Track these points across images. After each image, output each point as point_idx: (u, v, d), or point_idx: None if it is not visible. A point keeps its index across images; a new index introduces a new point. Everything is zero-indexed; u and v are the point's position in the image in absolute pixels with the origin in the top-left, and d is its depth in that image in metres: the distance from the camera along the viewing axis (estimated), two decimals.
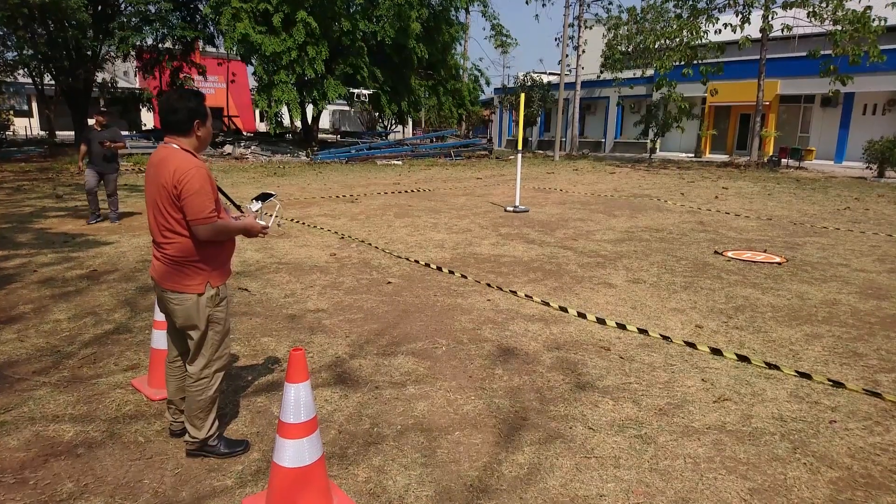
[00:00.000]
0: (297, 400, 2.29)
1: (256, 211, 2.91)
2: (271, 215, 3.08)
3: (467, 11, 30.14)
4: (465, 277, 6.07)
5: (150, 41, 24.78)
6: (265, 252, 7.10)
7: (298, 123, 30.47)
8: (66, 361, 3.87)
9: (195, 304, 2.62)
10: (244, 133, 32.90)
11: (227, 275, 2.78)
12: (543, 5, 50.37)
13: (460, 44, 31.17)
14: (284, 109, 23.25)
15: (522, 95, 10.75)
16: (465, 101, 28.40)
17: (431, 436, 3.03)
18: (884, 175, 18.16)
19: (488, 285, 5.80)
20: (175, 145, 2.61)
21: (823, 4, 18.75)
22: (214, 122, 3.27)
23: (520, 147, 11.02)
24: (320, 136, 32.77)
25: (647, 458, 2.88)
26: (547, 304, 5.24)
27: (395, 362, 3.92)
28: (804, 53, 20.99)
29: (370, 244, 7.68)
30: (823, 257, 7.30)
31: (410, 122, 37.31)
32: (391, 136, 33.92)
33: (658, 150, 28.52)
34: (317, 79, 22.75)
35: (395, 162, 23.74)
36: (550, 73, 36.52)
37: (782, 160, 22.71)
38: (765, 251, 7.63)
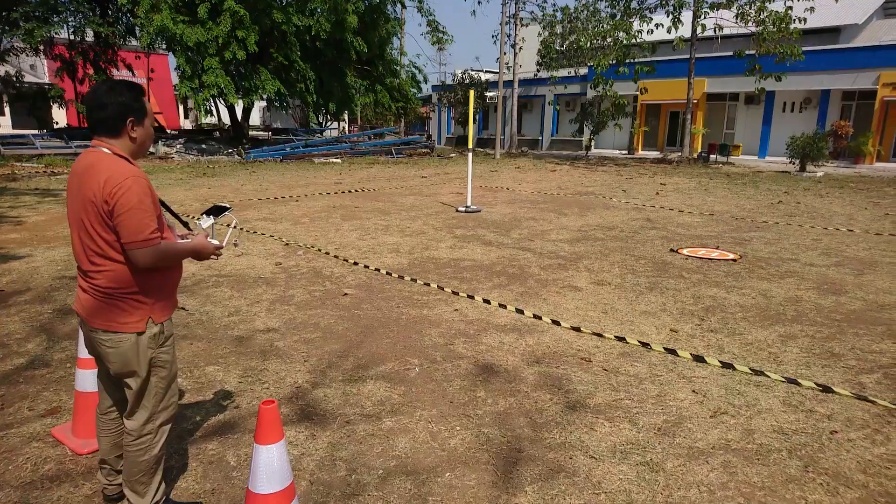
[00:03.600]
0: (270, 465, 1.86)
1: (208, 228, 2.42)
2: (229, 227, 2.59)
3: (403, 6, 29.65)
4: (428, 285, 5.70)
5: (61, 34, 22.79)
6: (201, 263, 6.44)
7: (227, 120, 28.99)
8: None
9: (134, 346, 2.11)
10: (168, 131, 30.97)
11: (173, 308, 2.28)
12: (479, 2, 50.52)
13: (397, 39, 30.65)
14: (212, 103, 21.97)
15: (472, 92, 10.47)
16: (410, 96, 27.93)
17: (419, 480, 2.65)
18: (805, 169, 19.23)
19: (454, 293, 5.45)
20: (105, 149, 2.08)
21: (748, 7, 19.59)
22: None
23: (470, 145, 10.74)
24: (251, 133, 31.37)
25: (659, 490, 2.62)
26: (521, 311, 4.96)
27: (364, 390, 3.50)
28: (730, 53, 21.94)
29: (319, 250, 7.16)
30: (773, 252, 7.43)
31: (347, 119, 36.42)
32: (327, 133, 32.93)
33: (594, 148, 29.12)
34: (248, 66, 21.61)
35: (334, 160, 22.98)
36: (487, 71, 36.61)
37: (711, 156, 23.68)
38: (717, 248, 7.69)
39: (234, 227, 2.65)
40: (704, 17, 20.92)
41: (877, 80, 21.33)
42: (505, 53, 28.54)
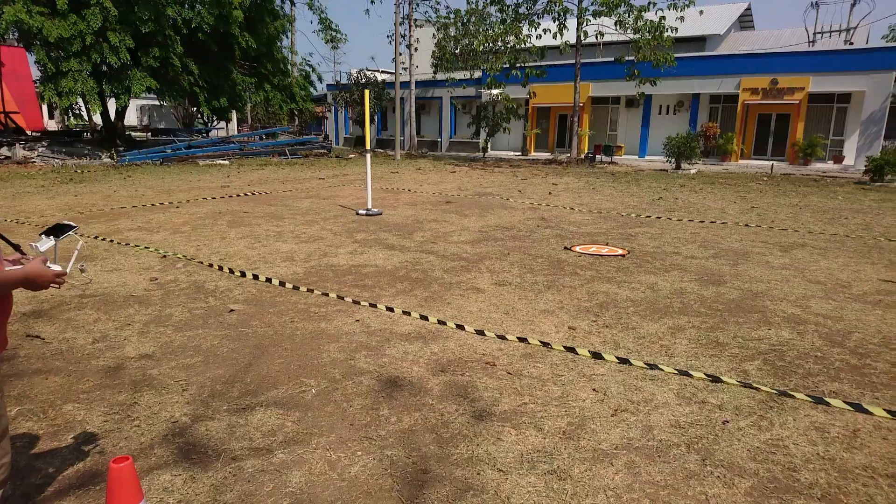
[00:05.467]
0: None
1: (46, 251, 2.02)
2: (72, 249, 2.19)
3: (293, 3, 28.61)
4: (327, 295, 5.38)
5: None
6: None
7: (99, 120, 26.43)
8: None
9: None
10: (28, 132, 27.64)
11: (3, 347, 1.87)
12: (372, 2, 49.94)
13: (287, 37, 29.52)
14: (82, 103, 19.93)
15: (367, 92, 10.18)
16: (297, 98, 26.94)
17: None
18: (681, 167, 20.84)
19: (355, 302, 5.19)
20: None
21: (627, 15, 20.88)
22: None
23: (368, 146, 10.46)
24: (127, 134, 28.83)
25: (567, 499, 2.56)
26: (426, 318, 4.80)
27: (253, 419, 3.17)
28: (611, 59, 23.27)
29: (201, 262, 6.58)
30: (657, 247, 7.86)
31: (235, 119, 34.55)
32: (213, 134, 31.00)
33: (490, 149, 29.78)
34: (120, 69, 19.81)
35: (222, 162, 21.64)
36: (384, 72, 36.29)
37: (597, 156, 25.03)
38: (607, 244, 8.01)
39: (79, 252, 2.25)
40: (587, 24, 22.04)
41: (738, 85, 23.59)
42: (401, 54, 28.41)
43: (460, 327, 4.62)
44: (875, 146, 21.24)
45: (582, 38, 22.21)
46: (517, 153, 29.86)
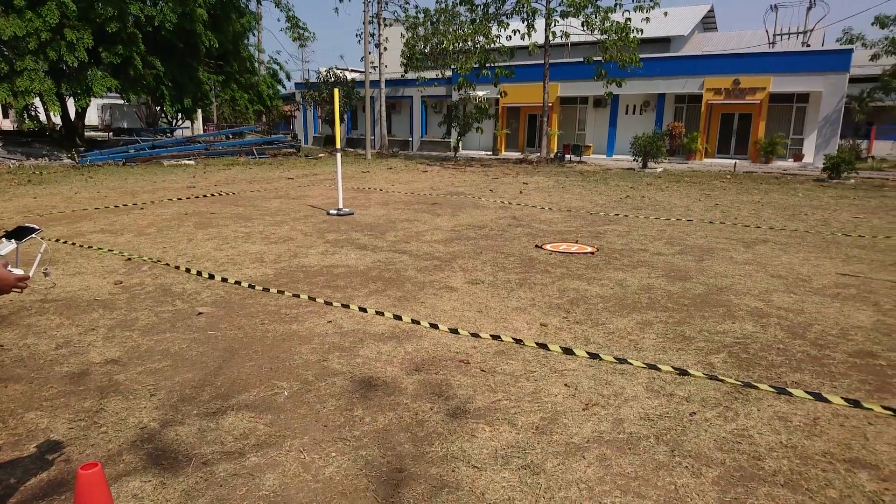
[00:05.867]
0: None
1: (8, 254, 1.96)
2: (35, 255, 2.12)
3: (259, 1, 28.18)
4: (298, 297, 5.33)
5: None
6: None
7: (58, 120, 25.59)
8: None
9: None
10: None
11: None
12: (341, 0, 49.53)
13: (253, 34, 29.08)
14: (39, 104, 19.28)
15: (336, 91, 10.11)
16: (264, 96, 26.55)
17: None
18: (647, 166, 21.25)
19: (327, 303, 5.15)
20: None
21: (594, 16, 21.19)
22: None
23: (338, 145, 10.39)
24: (88, 134, 28.01)
25: (541, 493, 2.60)
26: (399, 317, 4.79)
27: (225, 423, 3.12)
28: (580, 59, 23.57)
29: (168, 264, 6.45)
30: (625, 244, 8.01)
31: (201, 118, 33.87)
32: (177, 133, 30.31)
33: (461, 149, 29.86)
34: (79, 69, 19.21)
35: (187, 161, 21.21)
36: (354, 70, 36.05)
37: (566, 156, 25.34)
38: (577, 242, 8.13)
39: (42, 255, 2.19)
40: (555, 25, 22.28)
41: (702, 85, 24.16)
42: (370, 53, 28.26)
43: (434, 326, 4.63)
44: (832, 145, 22.02)
45: (550, 38, 22.45)
46: (488, 153, 30.02)
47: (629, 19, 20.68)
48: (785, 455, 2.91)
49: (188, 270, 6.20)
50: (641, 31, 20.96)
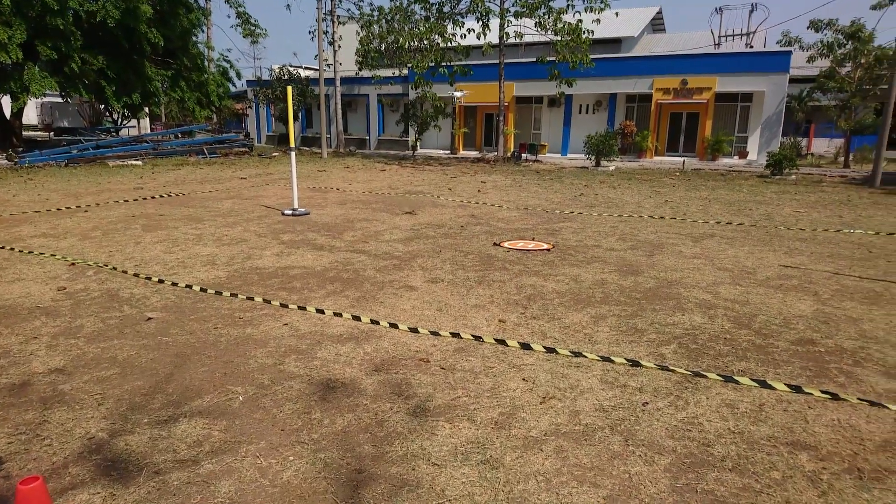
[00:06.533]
0: None
1: None
2: None
3: None
4: (252, 299, 5.22)
5: None
6: None
7: None
8: None
9: None
10: None
11: None
12: None
13: (202, 31, 28.27)
14: None
15: (290, 89, 9.93)
16: (213, 96, 25.83)
17: None
18: (600, 164, 21.73)
19: (283, 305, 5.06)
20: None
21: (547, 17, 21.49)
22: None
23: (292, 143, 10.21)
24: (26, 133, 26.65)
25: (500, 487, 2.63)
26: (358, 318, 4.75)
27: (177, 431, 3.03)
28: (534, 59, 23.87)
29: (115, 269, 6.21)
30: (579, 240, 8.17)
31: (148, 116, 32.71)
32: (123, 133, 29.19)
33: (420, 148, 29.81)
34: (14, 66, 18.25)
35: (134, 162, 20.44)
36: (308, 68, 35.49)
37: (522, 154, 25.64)
38: (533, 239, 8.24)
39: None
40: (509, 25, 22.49)
41: (651, 85, 24.86)
42: (324, 51, 27.88)
43: (394, 326, 4.62)
44: (774, 142, 23.02)
45: (504, 38, 22.65)
46: (446, 152, 30.08)
47: (580, 21, 21.06)
48: (732, 441, 3.03)
49: (136, 275, 5.98)
50: (592, 32, 21.39)
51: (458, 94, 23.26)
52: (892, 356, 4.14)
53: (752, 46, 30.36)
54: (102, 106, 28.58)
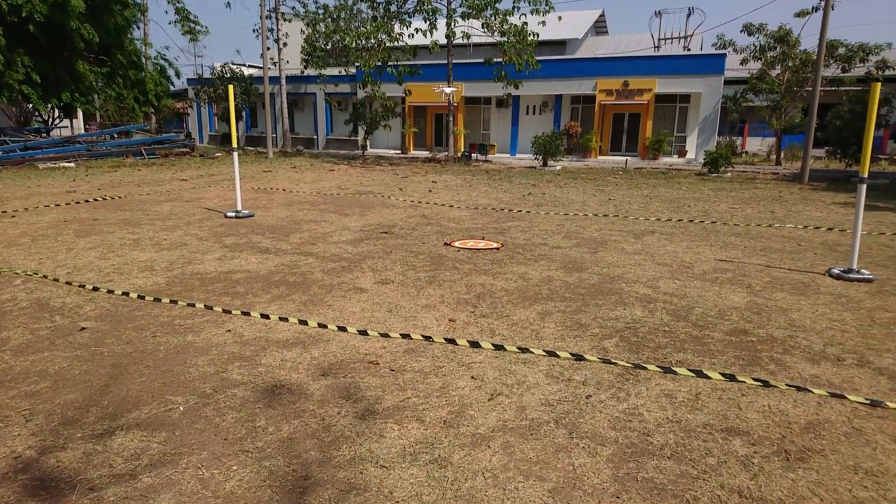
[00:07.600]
0: None
1: None
2: None
3: None
4: (193, 306, 5.05)
5: None
6: None
7: None
8: None
9: None
10: None
11: None
12: None
13: (139, 27, 27.14)
14: None
15: (231, 87, 9.67)
16: (150, 96, 24.84)
17: None
18: (547, 164, 22.15)
19: (225, 311, 4.92)
20: None
21: (493, 18, 21.73)
22: None
23: (234, 143, 9.94)
24: None
25: (448, 486, 2.65)
26: (305, 322, 4.68)
27: (113, 444, 2.91)
28: (481, 60, 24.09)
29: (45, 277, 5.89)
30: (527, 239, 8.31)
31: (81, 116, 31.15)
32: (55, 133, 27.67)
33: (370, 147, 29.58)
34: None
35: (66, 164, 19.44)
36: (251, 66, 34.61)
37: (472, 154, 25.85)
38: (483, 238, 8.33)
39: None
40: (456, 26, 22.63)
41: (595, 86, 25.53)
42: (269, 48, 27.27)
43: (342, 329, 4.57)
44: (711, 141, 24.06)
45: (451, 37, 22.76)
46: (397, 151, 29.97)
47: (526, 23, 21.41)
48: (671, 429, 3.15)
49: (69, 283, 5.69)
50: (538, 34, 21.78)
51: (448, 90, 22.98)
52: (818, 343, 4.41)
53: (689, 49, 31.61)
54: (30, 105, 27.02)
